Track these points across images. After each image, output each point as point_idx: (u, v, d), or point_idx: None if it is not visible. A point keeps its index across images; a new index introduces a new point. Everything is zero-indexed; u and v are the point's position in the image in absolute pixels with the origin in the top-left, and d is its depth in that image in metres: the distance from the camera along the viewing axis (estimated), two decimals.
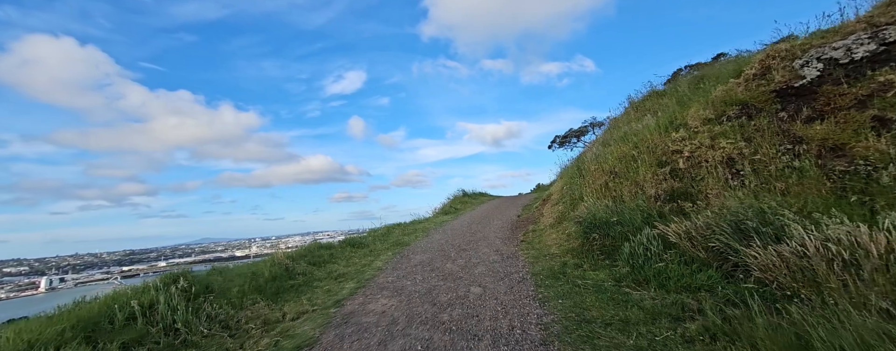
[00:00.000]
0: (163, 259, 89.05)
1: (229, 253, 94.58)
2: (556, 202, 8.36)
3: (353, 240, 7.75)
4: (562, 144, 43.93)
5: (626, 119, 9.33)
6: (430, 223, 11.30)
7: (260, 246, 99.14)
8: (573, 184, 7.77)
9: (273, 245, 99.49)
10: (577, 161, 9.02)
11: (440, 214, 14.04)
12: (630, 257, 4.51)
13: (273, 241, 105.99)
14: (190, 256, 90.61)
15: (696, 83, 7.24)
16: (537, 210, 10.00)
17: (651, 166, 6.08)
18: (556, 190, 9.19)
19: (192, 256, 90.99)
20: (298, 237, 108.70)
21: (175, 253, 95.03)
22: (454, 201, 18.04)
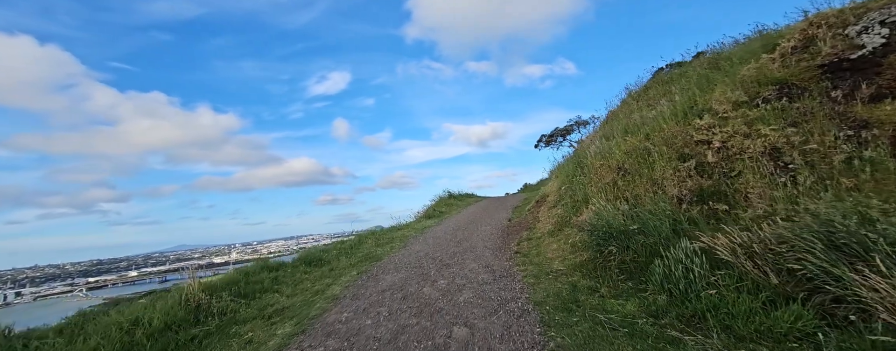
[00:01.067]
0: (134, 268, 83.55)
1: (207, 260, 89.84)
2: (553, 204, 7.21)
3: (311, 256, 6.33)
4: (548, 144, 43.34)
5: (628, 110, 8.30)
6: (410, 230, 9.96)
7: (240, 252, 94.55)
8: (573, 183, 6.63)
9: (254, 250, 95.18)
10: (575, 157, 7.91)
11: (423, 219, 12.72)
12: (665, 280, 3.35)
13: (254, 246, 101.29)
14: (164, 265, 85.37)
15: (713, 65, 6.22)
16: (531, 213, 8.84)
17: (671, 161, 4.98)
18: (551, 190, 8.05)
19: (166, 265, 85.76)
20: (281, 241, 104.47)
21: (147, 262, 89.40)
22: (438, 203, 16.75)
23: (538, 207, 8.61)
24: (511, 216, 10.32)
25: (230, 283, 4.73)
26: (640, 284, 3.69)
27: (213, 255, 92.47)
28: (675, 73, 7.33)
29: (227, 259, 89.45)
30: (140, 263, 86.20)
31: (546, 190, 8.61)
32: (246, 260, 79.05)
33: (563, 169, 8.54)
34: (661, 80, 7.76)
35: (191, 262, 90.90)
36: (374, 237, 8.65)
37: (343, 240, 8.43)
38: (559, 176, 8.25)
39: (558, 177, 8.34)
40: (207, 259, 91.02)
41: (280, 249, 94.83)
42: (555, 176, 8.94)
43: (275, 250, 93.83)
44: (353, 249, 7.30)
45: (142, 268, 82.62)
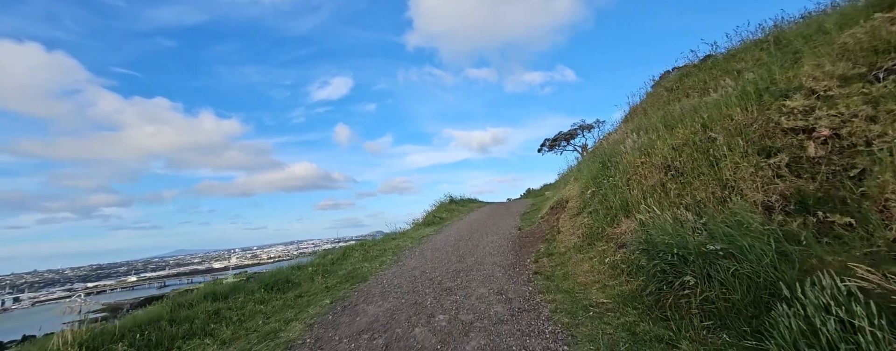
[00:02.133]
0: (134, 273, 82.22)
1: (206, 265, 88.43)
2: (576, 212, 5.90)
3: (278, 276, 5.01)
4: (552, 148, 42.00)
5: (659, 101, 7.03)
6: (405, 239, 8.65)
7: (240, 257, 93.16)
8: (604, 186, 5.32)
9: (254, 255, 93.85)
10: (598, 156, 6.61)
11: (421, 226, 11.40)
12: (804, 341, 2.03)
13: (254, 250, 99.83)
14: (163, 270, 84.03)
15: (778, 44, 4.95)
16: (545, 221, 7.52)
17: (747, 156, 3.69)
18: (571, 194, 6.73)
19: (166, 270, 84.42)
20: (281, 246, 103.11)
21: (147, 267, 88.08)
22: (439, 209, 15.44)
23: (555, 215, 7.29)
24: (520, 224, 9.00)
25: (147, 321, 3.41)
26: (744, 338, 2.37)
27: (213, 259, 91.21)
28: (726, 55, 6.07)
29: (226, 264, 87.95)
30: (140, 269, 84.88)
31: (565, 194, 7.30)
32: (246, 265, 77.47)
33: (584, 169, 7.24)
34: (703, 67, 6.50)
35: (190, 266, 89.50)
36: (362, 249, 7.34)
37: (327, 252, 7.12)
38: (580, 178, 6.94)
39: (578, 179, 7.03)
40: (207, 264, 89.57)
41: (280, 254, 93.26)
42: (573, 178, 7.64)
43: (275, 255, 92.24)
44: (334, 265, 6.00)
45: (141, 273, 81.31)
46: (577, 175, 7.58)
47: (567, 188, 7.44)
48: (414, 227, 11.39)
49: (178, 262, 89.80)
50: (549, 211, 7.88)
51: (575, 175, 7.68)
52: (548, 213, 7.92)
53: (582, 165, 8.04)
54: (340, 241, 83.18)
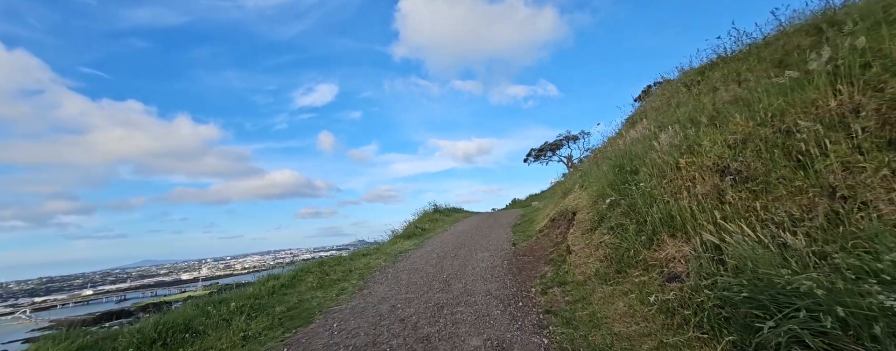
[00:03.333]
0: (90, 287, 74.94)
1: (174, 277, 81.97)
2: (591, 226, 4.62)
3: (175, 320, 3.39)
4: (537, 158, 41.50)
5: (675, 98, 5.96)
6: (379, 256, 7.13)
7: (212, 267, 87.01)
8: (630, 194, 4.08)
9: (227, 265, 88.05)
10: (613, 157, 5.39)
11: (400, 238, 9.88)
12: None
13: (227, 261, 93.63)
14: (125, 282, 77.09)
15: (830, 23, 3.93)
16: (545, 236, 6.23)
17: (870, 152, 2.52)
18: (580, 204, 5.46)
19: (127, 282, 77.49)
20: (257, 256, 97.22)
21: (106, 279, 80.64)
22: (422, 219, 13.95)
23: (557, 228, 6.01)
24: (514, 238, 7.67)
25: None
26: None
27: (182, 270, 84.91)
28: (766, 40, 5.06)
29: (196, 275, 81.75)
30: (97, 281, 77.58)
31: (568, 204, 6.04)
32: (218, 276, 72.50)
33: (593, 174, 6.01)
34: (735, 57, 5.48)
35: (156, 277, 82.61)
36: (320, 270, 5.76)
37: (270, 277, 5.50)
38: (589, 184, 5.71)
39: (586, 185, 5.80)
40: (175, 275, 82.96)
41: (256, 265, 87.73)
42: (577, 185, 6.40)
43: (250, 266, 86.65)
44: (273, 296, 4.42)
45: (99, 286, 74.32)
46: (582, 181, 6.36)
47: (572, 197, 6.18)
48: (391, 240, 9.86)
49: (142, 273, 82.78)
50: (550, 223, 6.59)
51: (580, 181, 6.45)
52: (548, 226, 6.63)
53: (587, 170, 6.83)
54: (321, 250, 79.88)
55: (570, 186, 7.66)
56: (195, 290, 75.80)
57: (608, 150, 6.85)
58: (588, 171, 6.65)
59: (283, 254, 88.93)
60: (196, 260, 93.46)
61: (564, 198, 7.60)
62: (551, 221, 6.61)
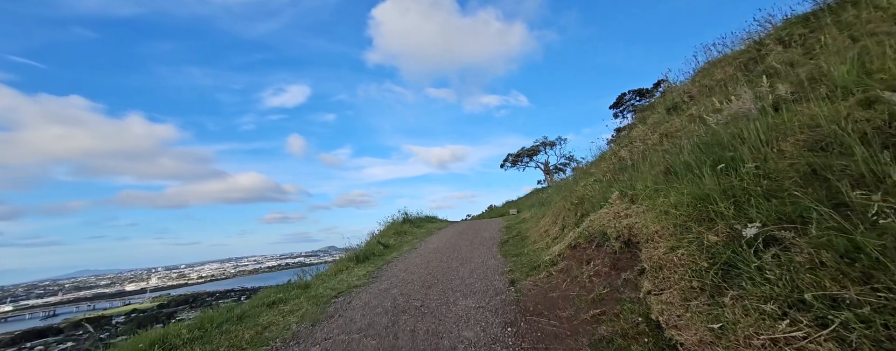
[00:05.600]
0: (9, 301, 63.51)
1: (117, 288, 71.77)
2: (700, 284, 2.11)
3: None
4: (514, 164, 39.79)
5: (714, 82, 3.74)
6: (295, 306, 4.27)
7: (163, 277, 77.25)
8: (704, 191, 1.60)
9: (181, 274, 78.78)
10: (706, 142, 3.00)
11: (351, 262, 7.02)
12: None
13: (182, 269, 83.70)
14: (55, 295, 66.17)
15: None
16: (568, 275, 3.72)
17: None
18: (652, 230, 2.91)
19: (59, 295, 66.58)
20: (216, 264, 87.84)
21: (32, 292, 68.82)
22: (387, 231, 11.13)
23: (590, 264, 3.51)
24: (509, 269, 5.12)
25: None
26: None
27: (127, 281, 74.78)
28: None
29: (143, 286, 71.87)
30: (20, 295, 66.01)
31: (608, 224, 3.55)
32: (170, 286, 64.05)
33: (650, 174, 3.51)
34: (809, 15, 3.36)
35: (94, 289, 71.69)
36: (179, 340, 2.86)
37: None
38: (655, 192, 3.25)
39: (648, 196, 3.36)
40: (118, 286, 72.40)
41: (214, 273, 78.92)
42: (616, 194, 3.93)
43: (207, 275, 77.73)
44: None
45: (22, 300, 63.28)
46: (622, 187, 3.89)
47: (606, 213, 3.71)
48: (337, 266, 6.95)
49: (77, 284, 71.62)
50: (570, 253, 4.10)
51: (617, 188, 3.98)
52: (567, 255, 4.13)
53: (628, 166, 4.41)
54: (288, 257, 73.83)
55: (584, 192, 5.22)
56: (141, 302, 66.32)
57: (643, 139, 4.51)
58: (632, 166, 4.22)
59: (245, 261, 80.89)
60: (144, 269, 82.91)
61: (579, 209, 5.15)
62: (571, 249, 4.12)
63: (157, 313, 54.92)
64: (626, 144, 5.46)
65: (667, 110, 5.21)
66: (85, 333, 48.51)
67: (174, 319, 12.83)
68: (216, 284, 68.32)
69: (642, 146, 4.60)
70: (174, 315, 54.85)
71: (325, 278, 5.76)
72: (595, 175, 6.01)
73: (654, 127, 5.05)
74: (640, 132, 5.35)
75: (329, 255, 29.62)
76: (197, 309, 55.81)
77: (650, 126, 5.31)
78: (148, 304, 62.62)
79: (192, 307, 55.05)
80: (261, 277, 68.24)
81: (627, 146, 5.41)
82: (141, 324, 48.34)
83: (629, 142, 5.41)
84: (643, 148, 4.44)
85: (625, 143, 5.51)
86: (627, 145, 5.44)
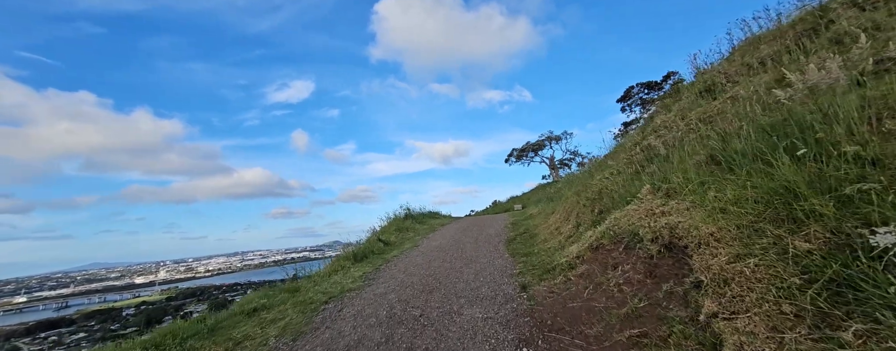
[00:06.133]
0: (24, 292, 64.57)
1: (127, 280, 72.63)
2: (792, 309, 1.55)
3: None
4: (519, 159, 39.03)
5: None
6: (283, 312, 3.76)
7: (171, 270, 77.97)
8: None
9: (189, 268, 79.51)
10: None
11: (349, 260, 6.53)
12: None
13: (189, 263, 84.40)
14: (67, 287, 67.16)
15: None
16: (589, 281, 3.16)
17: None
18: (706, 233, 2.32)
19: (70, 287, 67.57)
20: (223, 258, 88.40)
21: (45, 284, 69.91)
22: (388, 227, 10.64)
23: (618, 270, 2.96)
24: (519, 273, 4.59)
25: None
26: None
27: (136, 274, 75.72)
28: None
29: (152, 279, 72.64)
30: (33, 286, 67.12)
31: (639, 223, 2.97)
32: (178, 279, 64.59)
33: (689, 159, 2.86)
34: None
35: (105, 282, 72.62)
36: None
37: None
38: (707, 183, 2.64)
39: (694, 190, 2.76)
40: (127, 279, 73.29)
41: (220, 267, 79.43)
42: (651, 187, 3.34)
43: (214, 268, 78.27)
44: None
45: (35, 292, 64.36)
46: (653, 180, 3.28)
47: (635, 210, 3.14)
48: (333, 263, 6.46)
49: (88, 277, 72.57)
50: (592, 256, 3.55)
51: (648, 180, 3.37)
52: (588, 258, 3.58)
53: (665, 148, 3.79)
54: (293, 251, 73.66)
55: (602, 186, 4.63)
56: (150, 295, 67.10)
57: (669, 127, 3.89)
58: (665, 156, 3.60)
59: (251, 256, 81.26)
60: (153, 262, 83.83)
61: (596, 204, 4.57)
62: (593, 251, 3.56)
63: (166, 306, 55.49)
64: (650, 133, 4.85)
65: (698, 94, 4.58)
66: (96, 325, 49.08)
67: (182, 312, 12.28)
68: (223, 278, 68.92)
69: (672, 134, 3.99)
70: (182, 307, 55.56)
71: (317, 280, 5.27)
72: (613, 167, 5.41)
73: (683, 113, 4.43)
74: (665, 119, 4.73)
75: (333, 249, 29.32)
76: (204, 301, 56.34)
77: (677, 112, 4.69)
78: (157, 296, 63.30)
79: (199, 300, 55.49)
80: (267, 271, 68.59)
81: (652, 135, 4.79)
82: (150, 316, 49.03)
83: (653, 130, 4.79)
84: (675, 136, 3.83)
85: (648, 132, 4.90)
86: (652, 134, 4.82)
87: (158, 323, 47.19)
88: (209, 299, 56.25)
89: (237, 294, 57.64)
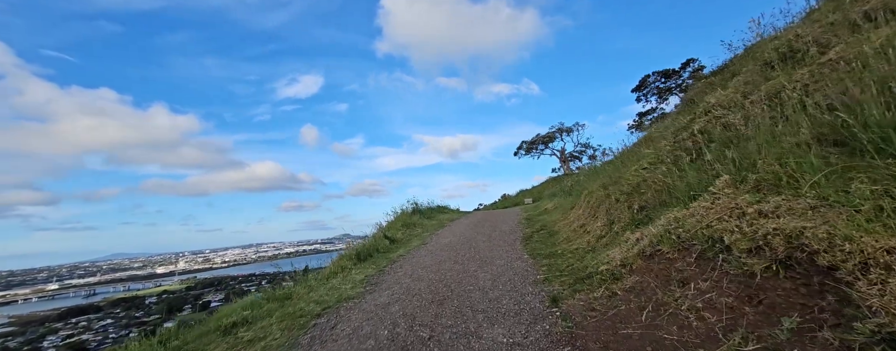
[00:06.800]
0: (55, 280, 67.23)
1: (148, 270, 74.83)
2: None
3: None
4: (528, 151, 37.85)
5: None
6: (272, 324, 3.14)
7: (189, 261, 79.90)
8: None
9: (206, 259, 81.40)
10: None
11: (351, 260, 5.91)
12: None
13: (206, 254, 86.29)
14: (94, 276, 69.59)
15: None
16: (646, 297, 2.41)
17: None
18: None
19: (97, 276, 70.01)
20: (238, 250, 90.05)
21: (74, 272, 72.59)
22: (395, 222, 10.02)
23: (679, 285, 2.19)
24: (545, 278, 3.88)
25: None
26: None
27: (157, 264, 78.01)
28: None
29: (172, 269, 74.64)
30: (64, 275, 69.85)
31: (690, 219, 2.20)
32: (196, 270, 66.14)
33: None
34: None
35: (129, 271, 75.03)
36: None
37: None
38: None
39: None
40: (149, 269, 75.55)
41: (236, 258, 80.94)
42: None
43: (230, 259, 79.83)
44: None
45: (66, 280, 66.99)
46: (696, 158, 2.50)
47: (709, 202, 2.35)
48: (335, 263, 5.85)
49: (113, 266, 75.14)
50: (645, 263, 2.78)
51: (689, 158, 2.59)
52: (638, 263, 2.82)
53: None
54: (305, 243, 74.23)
55: (641, 178, 3.83)
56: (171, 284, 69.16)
57: (728, 105, 3.02)
58: (745, 138, 2.78)
59: (265, 247, 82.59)
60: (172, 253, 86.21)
61: (634, 199, 3.78)
62: (646, 260, 2.80)
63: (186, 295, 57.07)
64: (701, 115, 3.99)
65: (766, 65, 3.70)
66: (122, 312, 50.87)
67: (201, 300, 12.04)
68: (239, 269, 70.39)
69: (738, 113, 3.15)
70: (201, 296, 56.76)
71: (314, 284, 4.65)
72: (650, 156, 4.58)
73: (748, 87, 3.57)
74: (723, 97, 3.86)
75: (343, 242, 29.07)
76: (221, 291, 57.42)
77: (737, 88, 3.82)
78: (177, 286, 65.15)
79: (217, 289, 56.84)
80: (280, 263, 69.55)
81: (703, 117, 3.93)
82: (171, 304, 49.99)
83: (705, 111, 3.93)
84: (744, 115, 3.00)
85: (698, 114, 4.04)
86: (703, 116, 3.96)
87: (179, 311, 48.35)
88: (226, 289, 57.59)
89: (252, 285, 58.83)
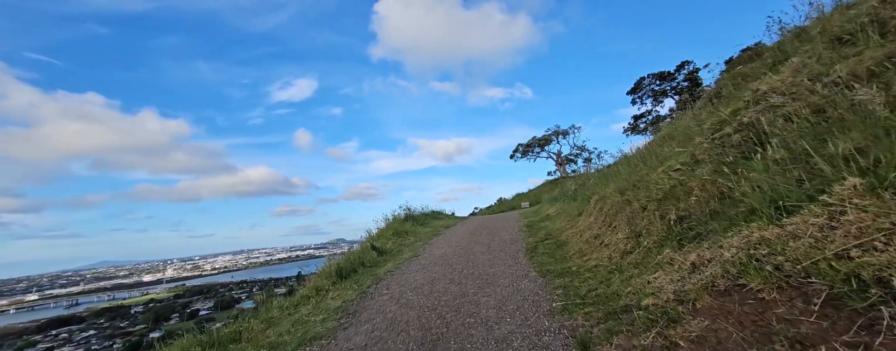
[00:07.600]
0: (35, 290, 64.11)
1: (135, 278, 72.02)
2: None
3: None
4: (524, 154, 37.27)
5: None
6: None
7: (178, 268, 77.24)
8: None
9: (195, 266, 78.83)
10: None
11: (328, 280, 5.02)
12: None
13: (196, 261, 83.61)
14: (78, 285, 66.63)
15: None
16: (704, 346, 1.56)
17: None
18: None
19: (80, 285, 67.04)
20: (229, 256, 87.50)
21: (55, 282, 69.41)
22: (385, 231, 9.13)
23: (738, 321, 1.36)
24: (565, 309, 3.06)
25: None
26: None
27: (144, 272, 75.17)
28: None
29: (159, 277, 71.89)
30: (44, 284, 66.62)
31: (785, 240, 1.38)
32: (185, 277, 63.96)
33: None
34: None
35: (114, 280, 72.04)
36: None
37: None
38: None
39: None
40: (136, 277, 72.61)
41: (227, 265, 78.47)
42: None
43: (220, 266, 77.33)
44: None
45: (46, 290, 63.92)
46: (773, 156, 1.77)
47: (820, 218, 1.51)
48: (311, 282, 4.95)
49: (97, 275, 72.05)
50: (718, 302, 1.95)
51: (743, 152, 1.89)
52: (708, 302, 1.99)
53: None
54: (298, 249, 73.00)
55: (676, 181, 3.06)
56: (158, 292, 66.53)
57: (790, 91, 2.31)
58: (874, 120, 2.07)
59: (257, 253, 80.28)
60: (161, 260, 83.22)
61: (669, 208, 3.01)
62: (718, 297, 1.99)
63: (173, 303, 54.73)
64: (751, 104, 3.26)
65: (835, 41, 3.00)
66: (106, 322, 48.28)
67: (189, 309, 10.62)
68: (229, 276, 68.16)
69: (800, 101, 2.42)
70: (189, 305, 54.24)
71: (277, 315, 3.75)
72: (683, 155, 3.82)
73: (822, 67, 2.85)
74: (776, 82, 3.14)
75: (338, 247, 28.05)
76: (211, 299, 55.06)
77: (794, 72, 3.11)
78: (165, 294, 62.59)
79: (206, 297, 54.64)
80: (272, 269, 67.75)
81: (754, 106, 3.19)
82: (158, 313, 47.38)
83: (755, 100, 3.20)
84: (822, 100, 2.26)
85: (746, 103, 3.32)
86: (752, 105, 3.23)
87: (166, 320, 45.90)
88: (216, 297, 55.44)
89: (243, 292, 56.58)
